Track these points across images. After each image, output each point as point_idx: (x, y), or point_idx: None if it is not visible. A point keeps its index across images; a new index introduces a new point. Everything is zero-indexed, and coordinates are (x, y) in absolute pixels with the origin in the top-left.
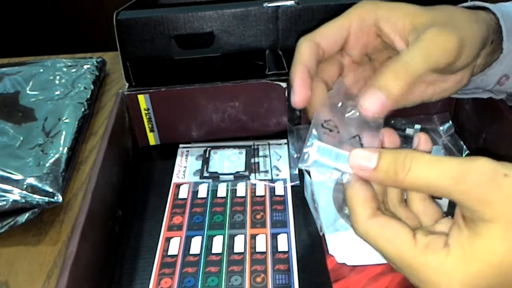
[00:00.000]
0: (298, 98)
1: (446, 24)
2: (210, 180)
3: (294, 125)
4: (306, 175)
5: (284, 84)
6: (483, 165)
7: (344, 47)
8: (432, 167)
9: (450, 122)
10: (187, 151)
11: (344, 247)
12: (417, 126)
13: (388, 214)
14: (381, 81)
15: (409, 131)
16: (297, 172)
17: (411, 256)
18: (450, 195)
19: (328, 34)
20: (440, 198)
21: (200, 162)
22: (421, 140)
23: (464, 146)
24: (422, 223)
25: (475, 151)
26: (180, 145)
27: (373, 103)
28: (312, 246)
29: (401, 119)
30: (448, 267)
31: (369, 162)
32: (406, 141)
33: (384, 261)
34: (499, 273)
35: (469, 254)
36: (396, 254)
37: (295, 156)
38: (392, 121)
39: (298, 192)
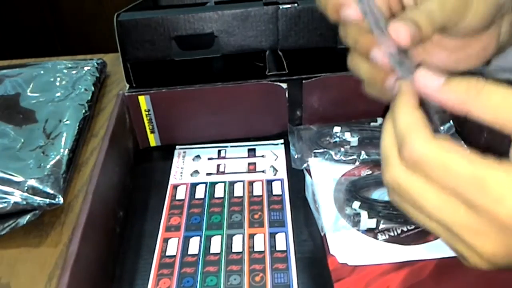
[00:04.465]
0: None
1: None
2: (208, 181)
3: (294, 126)
4: (307, 175)
5: (284, 85)
6: None
7: None
8: (503, 89)
9: (451, 122)
10: (184, 152)
11: (345, 247)
12: None
13: None
14: (411, 16)
15: None
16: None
17: (489, 169)
18: None
19: None
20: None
21: (197, 163)
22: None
23: (465, 146)
24: None
25: (476, 151)
26: (177, 146)
27: (404, 29)
28: (313, 246)
29: None
30: None
31: (438, 78)
32: None
33: (385, 261)
34: None
35: None
36: (470, 171)
37: (296, 156)
38: None
39: (299, 192)
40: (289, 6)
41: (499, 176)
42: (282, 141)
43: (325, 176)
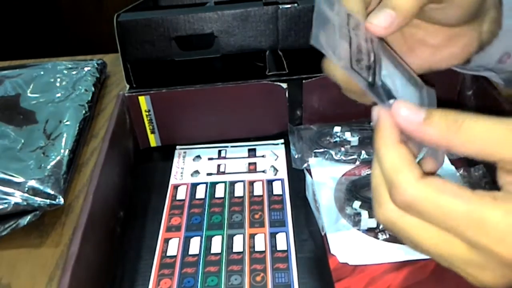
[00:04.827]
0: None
1: None
2: (208, 181)
3: (295, 126)
4: (308, 175)
5: (284, 85)
6: None
7: None
8: (483, 120)
9: None
10: (184, 152)
11: (346, 246)
12: None
13: None
14: (389, 2)
15: None
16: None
17: (484, 209)
18: (503, 150)
19: None
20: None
21: (197, 163)
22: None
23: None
24: None
25: None
26: (177, 147)
27: (382, 17)
28: (314, 246)
29: None
30: None
31: (418, 114)
32: None
33: (386, 260)
34: None
35: None
36: (465, 210)
37: (296, 156)
38: None
39: (299, 192)
40: (289, 6)
41: (497, 216)
42: (282, 141)
43: (326, 175)
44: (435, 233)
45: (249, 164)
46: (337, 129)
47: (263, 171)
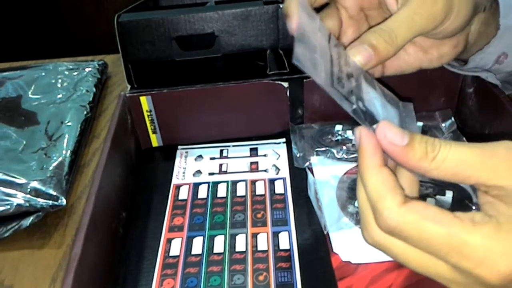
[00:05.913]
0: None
1: None
2: (210, 181)
3: (296, 124)
4: (310, 174)
5: (285, 84)
6: (507, 143)
7: None
8: (460, 146)
9: (452, 118)
10: (186, 152)
11: (348, 245)
12: (420, 123)
13: None
14: (369, 40)
15: None
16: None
17: (463, 233)
18: (478, 173)
19: None
20: (443, 194)
21: (199, 163)
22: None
23: (467, 143)
24: None
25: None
26: (179, 146)
27: (360, 52)
28: (317, 244)
29: None
30: (505, 238)
31: (402, 139)
32: None
33: (388, 258)
34: None
35: None
36: (445, 235)
37: (298, 155)
38: None
39: (302, 191)
40: None
41: (476, 240)
42: (284, 140)
43: (328, 174)
44: (420, 255)
45: (251, 163)
46: (338, 127)
47: (265, 170)
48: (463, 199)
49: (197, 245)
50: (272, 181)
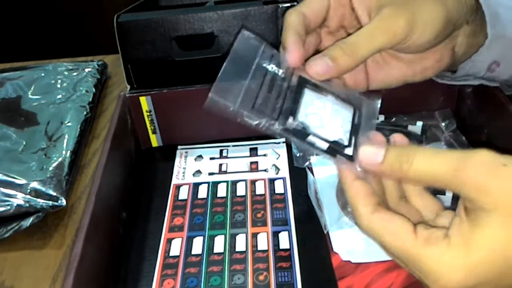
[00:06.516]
0: (293, 56)
1: (402, 4)
2: (210, 181)
3: None
4: (309, 174)
5: None
6: (482, 156)
7: (325, 19)
8: (433, 158)
9: (452, 118)
10: (186, 152)
11: (348, 244)
12: (419, 123)
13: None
14: (330, 53)
15: (411, 128)
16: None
17: (413, 249)
18: (450, 186)
19: (312, 6)
20: (443, 193)
21: (199, 163)
22: (396, 139)
23: (467, 142)
24: (423, 217)
25: (477, 146)
26: (179, 147)
27: (319, 64)
28: (317, 244)
29: (403, 116)
30: (449, 256)
31: (377, 157)
32: (409, 139)
33: (389, 258)
34: (500, 261)
35: (469, 243)
36: (398, 247)
37: (298, 155)
38: (394, 118)
39: (301, 190)
40: (288, 5)
41: (423, 257)
42: (283, 139)
43: (327, 174)
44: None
45: (251, 163)
46: None
47: (265, 170)
48: None
49: (197, 245)
50: (272, 181)
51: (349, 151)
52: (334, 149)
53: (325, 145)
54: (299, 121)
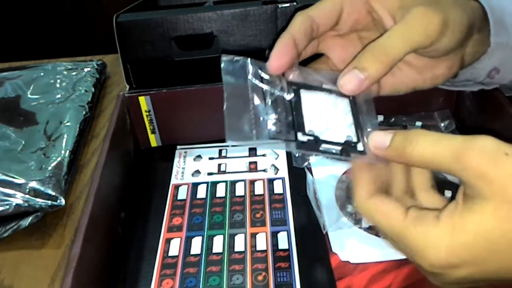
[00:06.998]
0: (273, 63)
1: (431, 3)
2: (209, 181)
3: None
4: (308, 174)
5: None
6: (485, 142)
7: (337, 23)
8: (436, 142)
9: (451, 118)
10: (185, 152)
11: (347, 245)
12: (418, 123)
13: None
14: (360, 63)
15: (410, 128)
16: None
17: (401, 227)
18: (451, 170)
19: (323, 9)
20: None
21: (198, 163)
22: None
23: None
24: None
25: None
26: (178, 146)
27: (350, 81)
28: (316, 244)
29: (402, 116)
30: (434, 235)
31: (385, 141)
32: None
33: (388, 258)
34: (483, 246)
35: (457, 226)
36: (388, 226)
37: (297, 155)
38: (393, 119)
39: (300, 190)
40: (288, 5)
41: (419, 233)
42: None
43: (326, 174)
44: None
45: (250, 163)
46: None
47: (264, 170)
48: None
49: (196, 245)
50: (271, 181)
51: (360, 146)
52: (347, 150)
53: (338, 148)
54: (307, 133)
